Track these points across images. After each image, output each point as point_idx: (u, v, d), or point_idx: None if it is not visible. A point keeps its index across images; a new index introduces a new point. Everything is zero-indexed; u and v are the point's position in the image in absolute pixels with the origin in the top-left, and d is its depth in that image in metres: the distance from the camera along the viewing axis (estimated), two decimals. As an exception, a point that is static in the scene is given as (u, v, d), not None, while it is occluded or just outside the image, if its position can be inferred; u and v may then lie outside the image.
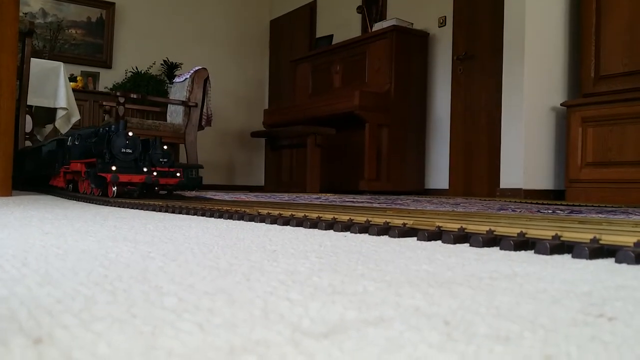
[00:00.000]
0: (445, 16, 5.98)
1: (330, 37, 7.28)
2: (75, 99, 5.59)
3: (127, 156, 3.16)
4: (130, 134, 3.17)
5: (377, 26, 6.09)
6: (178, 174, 3.29)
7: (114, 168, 3.05)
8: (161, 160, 3.37)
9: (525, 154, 4.72)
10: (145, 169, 3.15)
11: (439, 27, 6.03)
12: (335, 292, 0.66)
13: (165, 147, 3.46)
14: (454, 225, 1.39)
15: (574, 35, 4.91)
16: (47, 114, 5.44)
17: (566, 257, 1.07)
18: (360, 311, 0.57)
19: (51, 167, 4.26)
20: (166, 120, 6.15)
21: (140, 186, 3.15)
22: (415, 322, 0.52)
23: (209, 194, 4.39)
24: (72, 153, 3.62)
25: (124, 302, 0.59)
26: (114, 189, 3.04)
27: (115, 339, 0.45)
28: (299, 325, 0.50)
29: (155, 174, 3.25)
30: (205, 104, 6.03)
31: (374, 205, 2.86)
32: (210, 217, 2.18)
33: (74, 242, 1.15)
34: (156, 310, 0.55)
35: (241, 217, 2.03)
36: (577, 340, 0.47)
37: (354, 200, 3.94)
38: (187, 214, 2.34)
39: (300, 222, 1.76)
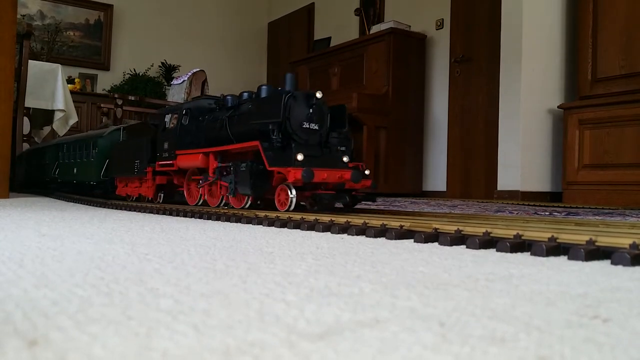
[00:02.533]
0: (443, 19, 6.00)
1: (328, 39, 7.29)
2: (73, 101, 5.58)
3: (310, 136, 2.00)
4: (319, 95, 1.98)
5: (375, 29, 6.10)
6: (367, 172, 2.01)
7: (300, 157, 1.84)
8: (339, 148, 2.11)
9: (523, 156, 4.72)
10: (346, 159, 1.99)
11: (437, 29, 6.05)
12: (331, 294, 0.66)
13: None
14: (450, 227, 1.39)
15: (571, 38, 4.93)
16: (44, 116, 5.44)
17: (562, 259, 1.07)
18: (355, 313, 0.57)
19: (117, 167, 3.23)
20: (164, 123, 6.12)
21: (338, 193, 1.94)
22: (410, 324, 0.52)
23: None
24: (173, 140, 2.57)
25: (120, 304, 0.59)
26: (291, 196, 1.85)
27: (110, 340, 0.45)
28: (295, 327, 0.50)
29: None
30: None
31: (372, 207, 2.86)
32: (207, 219, 2.18)
33: (70, 244, 1.14)
34: (152, 312, 0.55)
35: (238, 219, 2.03)
36: (571, 342, 0.47)
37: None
38: (185, 216, 2.34)
39: (297, 225, 1.76)
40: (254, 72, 8.78)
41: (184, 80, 5.97)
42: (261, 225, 1.88)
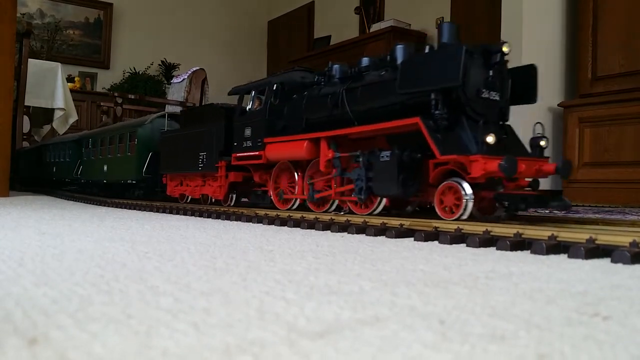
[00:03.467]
0: (443, 17, 5.99)
1: (328, 37, 7.29)
2: (73, 100, 5.58)
3: (488, 110, 1.51)
4: (506, 49, 1.48)
5: (375, 27, 6.09)
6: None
7: (490, 140, 1.40)
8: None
9: (523, 154, 4.72)
10: (543, 143, 1.52)
11: (437, 27, 6.05)
12: (331, 292, 0.66)
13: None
14: (450, 226, 1.39)
15: (571, 36, 4.92)
16: (44, 115, 5.43)
17: (562, 257, 1.07)
18: (355, 311, 0.57)
19: (169, 162, 2.75)
20: (164, 121, 6.12)
21: (537, 195, 1.45)
22: (410, 322, 0.52)
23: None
24: (259, 125, 2.09)
25: (120, 302, 0.59)
26: (466, 198, 1.41)
27: (110, 339, 0.45)
28: (295, 325, 0.50)
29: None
30: (202, 104, 6.02)
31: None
32: (207, 217, 2.17)
33: (70, 243, 1.14)
34: (152, 310, 0.55)
35: (238, 217, 2.03)
36: (571, 339, 0.47)
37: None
38: (185, 214, 2.34)
39: (297, 223, 1.76)
40: (254, 70, 8.78)
41: (183, 79, 5.96)
42: (261, 224, 1.88)
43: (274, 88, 2.09)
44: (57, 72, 5.17)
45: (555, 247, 1.13)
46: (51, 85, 5.14)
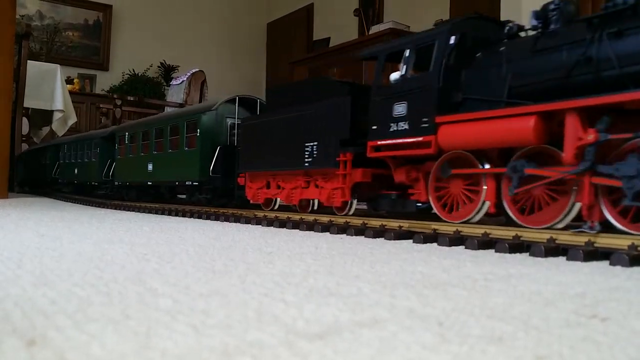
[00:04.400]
0: (442, 19, 6.01)
1: (327, 39, 7.29)
2: (72, 102, 5.57)
3: None
4: None
5: (374, 29, 6.10)
6: None
7: None
8: None
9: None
10: None
11: (436, 30, 6.08)
12: (330, 294, 0.66)
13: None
14: (449, 228, 1.39)
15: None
16: (43, 117, 5.43)
17: (561, 260, 1.07)
18: (354, 313, 0.57)
19: (254, 158, 2.22)
20: (163, 123, 6.12)
21: None
22: (409, 324, 0.52)
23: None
24: (422, 98, 1.49)
25: (119, 304, 0.59)
26: None
27: (109, 340, 0.45)
28: (293, 327, 0.50)
29: None
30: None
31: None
32: (206, 219, 2.17)
33: (69, 244, 1.14)
34: (150, 312, 0.55)
35: (237, 219, 2.03)
36: (569, 341, 0.47)
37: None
38: (183, 216, 2.34)
39: (296, 225, 1.76)
40: (253, 72, 8.78)
41: (182, 81, 5.97)
42: (260, 225, 1.88)
43: (451, 42, 1.44)
44: (56, 74, 5.17)
45: (554, 250, 1.13)
46: (50, 87, 5.14)
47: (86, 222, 1.79)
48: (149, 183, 2.96)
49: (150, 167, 2.95)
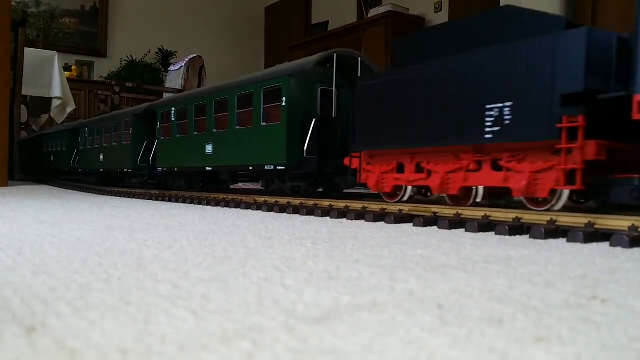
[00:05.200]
0: (441, 1, 5.95)
1: (326, 23, 7.24)
2: (70, 89, 5.55)
3: None
4: None
5: (373, 12, 6.06)
6: None
7: None
8: None
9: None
10: None
11: (435, 12, 6.00)
12: (330, 278, 0.66)
13: None
14: (450, 211, 1.39)
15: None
16: (42, 104, 5.41)
17: (561, 241, 1.07)
18: (354, 296, 0.57)
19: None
20: (162, 109, 6.10)
21: None
22: (408, 306, 0.52)
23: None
24: None
25: (119, 290, 0.59)
26: None
27: (109, 326, 0.45)
28: (293, 311, 0.50)
29: None
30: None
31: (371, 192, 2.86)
32: (207, 205, 2.18)
33: (69, 231, 1.14)
34: (150, 298, 0.55)
35: (237, 205, 2.03)
36: (569, 322, 0.47)
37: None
38: (184, 202, 2.34)
39: (296, 210, 1.76)
40: (251, 56, 8.73)
41: (181, 66, 5.94)
42: (260, 211, 1.88)
43: None
44: (53, 61, 5.14)
45: (554, 232, 1.13)
46: (48, 74, 5.12)
47: (86, 209, 1.79)
48: (207, 169, 2.50)
49: (209, 149, 2.50)
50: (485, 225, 1.25)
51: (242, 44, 8.79)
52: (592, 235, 1.06)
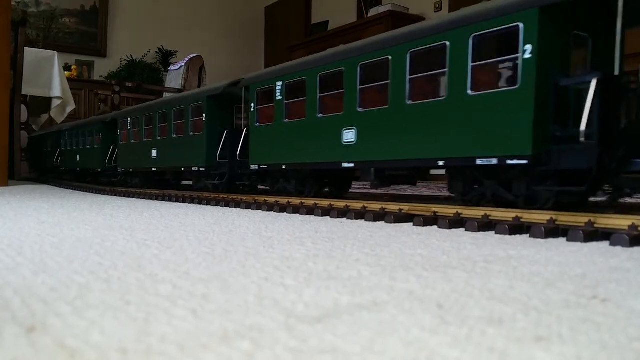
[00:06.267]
0: (441, 1, 5.95)
1: (326, 23, 7.24)
2: (70, 88, 5.55)
3: None
4: None
5: (373, 11, 6.06)
6: None
7: None
8: None
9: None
10: None
11: (435, 11, 6.00)
12: (330, 278, 0.66)
13: None
14: (450, 211, 1.39)
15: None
16: (42, 104, 5.41)
17: (561, 241, 1.07)
18: (354, 296, 0.57)
19: None
20: (162, 109, 6.10)
21: None
22: (408, 306, 0.52)
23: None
24: None
25: (119, 290, 0.59)
26: None
27: (108, 326, 0.45)
28: (293, 311, 0.50)
29: None
30: None
31: (371, 191, 2.86)
32: (207, 204, 2.17)
33: (69, 231, 1.14)
34: (150, 297, 0.55)
35: (237, 204, 2.03)
36: (569, 322, 0.47)
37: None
38: (184, 202, 2.34)
39: (296, 209, 1.76)
40: (251, 56, 8.73)
41: (181, 66, 5.94)
42: (260, 210, 1.88)
43: None
44: (53, 61, 5.14)
45: (554, 231, 1.13)
46: (48, 74, 5.11)
47: (86, 209, 1.79)
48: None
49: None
50: (485, 225, 1.25)
51: (242, 44, 8.78)
52: (592, 235, 1.06)
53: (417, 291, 0.59)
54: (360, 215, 1.54)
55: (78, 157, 3.91)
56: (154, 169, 2.92)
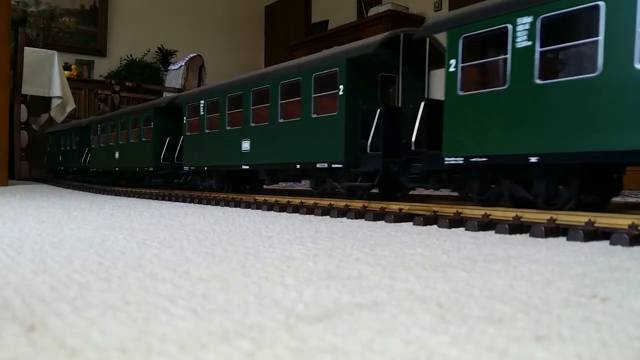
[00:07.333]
0: (441, 0, 5.95)
1: (326, 22, 7.24)
2: (70, 88, 5.55)
3: None
4: None
5: (373, 11, 6.06)
6: None
7: None
8: None
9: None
10: None
11: (435, 10, 6.00)
12: (330, 277, 0.66)
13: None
14: (450, 210, 1.39)
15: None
16: (42, 103, 5.41)
17: (561, 240, 1.07)
18: (354, 295, 0.57)
19: None
20: (162, 108, 6.10)
21: None
22: (409, 305, 0.52)
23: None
24: None
25: (119, 289, 0.59)
26: None
27: (108, 325, 0.45)
28: (293, 310, 0.50)
29: None
30: None
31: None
32: (207, 204, 2.18)
33: (69, 231, 1.14)
34: (150, 297, 0.55)
35: (237, 204, 2.03)
36: (569, 321, 0.47)
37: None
38: (184, 201, 2.34)
39: (296, 209, 1.76)
40: (251, 55, 8.73)
41: (181, 66, 5.94)
42: (260, 210, 1.88)
43: None
44: (53, 60, 5.14)
45: (554, 230, 1.13)
46: (48, 74, 5.11)
47: (86, 209, 1.79)
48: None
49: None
50: (485, 224, 1.25)
51: (241, 43, 8.78)
52: (592, 234, 1.06)
53: (417, 290, 0.59)
54: (360, 214, 1.54)
55: (117, 155, 3.38)
56: (244, 167, 2.29)
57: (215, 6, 8.59)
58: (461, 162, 1.44)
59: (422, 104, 1.60)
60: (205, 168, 2.53)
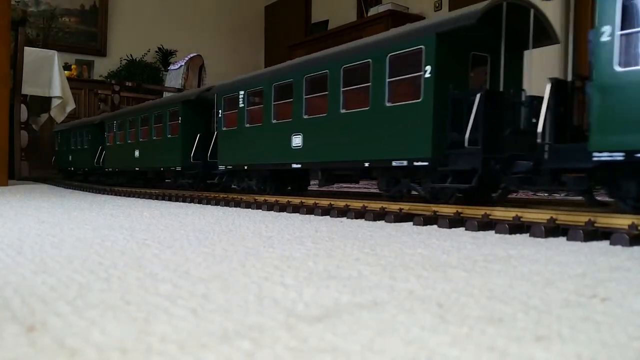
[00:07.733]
0: (441, 0, 5.95)
1: (326, 22, 7.24)
2: (70, 88, 5.54)
3: None
4: None
5: (373, 11, 6.06)
6: None
7: None
8: None
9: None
10: None
11: (435, 10, 6.00)
12: (330, 277, 0.66)
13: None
14: (450, 210, 1.39)
15: (567, 32, 4.89)
16: (42, 103, 5.41)
17: (561, 240, 1.07)
18: (354, 295, 0.57)
19: None
20: (162, 108, 6.10)
21: None
22: (409, 305, 0.52)
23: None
24: None
25: (119, 289, 0.59)
26: None
27: (108, 325, 0.45)
28: (293, 310, 0.50)
29: None
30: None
31: (371, 190, 2.86)
32: (206, 204, 2.17)
33: (69, 231, 1.14)
34: (150, 297, 0.55)
35: (237, 204, 2.03)
36: (569, 321, 0.47)
37: (350, 186, 3.94)
38: (184, 201, 2.34)
39: (296, 209, 1.76)
40: (251, 55, 8.73)
41: (181, 66, 5.94)
42: (260, 210, 1.88)
43: None
44: (53, 60, 5.14)
45: (554, 230, 1.13)
46: (48, 74, 5.11)
47: (86, 209, 1.79)
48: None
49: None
50: (485, 224, 1.25)
51: (241, 43, 8.78)
52: (592, 234, 1.06)
53: (417, 290, 0.59)
54: (360, 214, 1.54)
55: (137, 154, 3.12)
56: (294, 165, 1.98)
57: (215, 6, 8.59)
58: (620, 158, 1.09)
59: (548, 85, 1.27)
60: (245, 167, 2.23)
